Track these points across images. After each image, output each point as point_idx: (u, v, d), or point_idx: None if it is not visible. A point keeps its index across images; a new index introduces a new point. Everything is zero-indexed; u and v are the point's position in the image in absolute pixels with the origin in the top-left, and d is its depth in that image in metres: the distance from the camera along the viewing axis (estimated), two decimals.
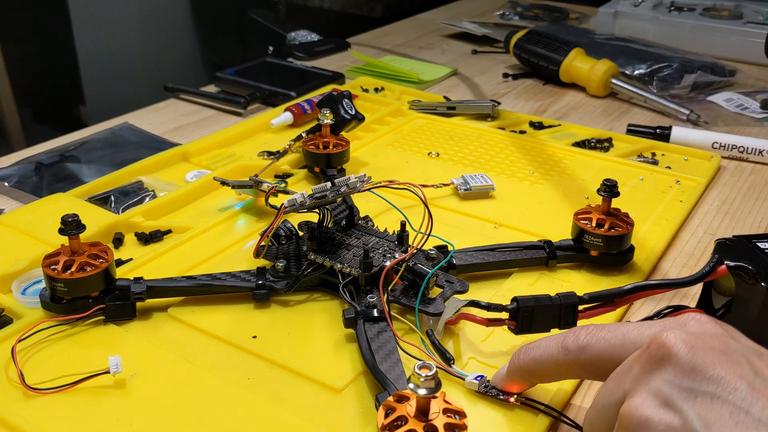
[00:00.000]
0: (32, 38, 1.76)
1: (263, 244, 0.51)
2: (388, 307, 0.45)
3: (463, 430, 0.34)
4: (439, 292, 0.47)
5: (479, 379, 0.41)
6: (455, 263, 0.51)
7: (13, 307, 0.48)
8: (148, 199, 0.63)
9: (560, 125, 0.81)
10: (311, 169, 0.68)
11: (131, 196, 0.63)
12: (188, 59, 1.97)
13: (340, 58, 1.08)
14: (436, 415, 0.34)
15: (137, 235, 0.57)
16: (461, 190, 0.64)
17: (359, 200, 0.59)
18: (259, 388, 0.42)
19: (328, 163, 0.65)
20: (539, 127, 0.81)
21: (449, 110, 0.83)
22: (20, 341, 0.44)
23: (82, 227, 0.46)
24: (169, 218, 0.61)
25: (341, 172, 0.67)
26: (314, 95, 0.84)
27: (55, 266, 0.45)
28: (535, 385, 0.40)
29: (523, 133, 0.79)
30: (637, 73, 0.95)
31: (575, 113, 0.88)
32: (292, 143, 0.71)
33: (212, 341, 0.46)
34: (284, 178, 0.67)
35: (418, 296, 0.46)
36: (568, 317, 0.44)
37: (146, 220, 0.59)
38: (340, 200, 0.55)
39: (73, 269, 0.45)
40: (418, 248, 0.48)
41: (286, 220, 0.54)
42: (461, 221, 0.61)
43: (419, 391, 0.33)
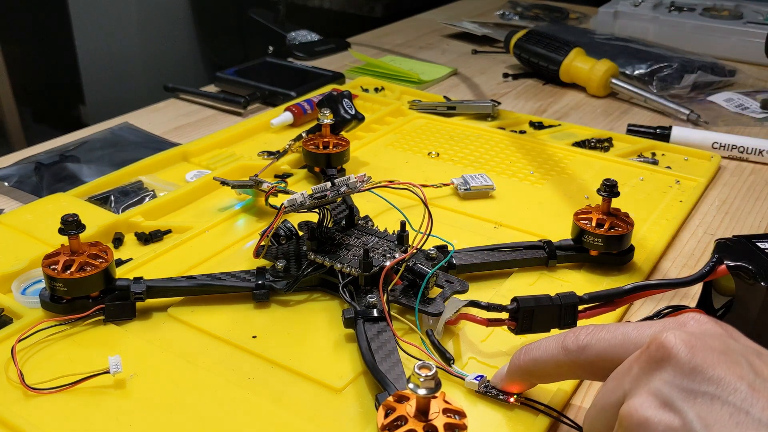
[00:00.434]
0: (32, 38, 1.76)
1: (263, 244, 0.51)
2: (387, 307, 0.45)
3: (463, 430, 0.34)
4: (439, 292, 0.47)
5: (479, 379, 0.41)
6: (455, 263, 0.51)
7: (13, 307, 0.48)
8: (148, 199, 0.63)
9: (560, 125, 0.81)
10: (311, 169, 0.68)
11: (131, 196, 0.63)
12: (188, 59, 1.97)
13: (340, 58, 1.08)
14: (436, 415, 0.34)
15: (137, 235, 0.57)
16: (461, 190, 0.64)
17: (359, 200, 0.59)
18: (259, 388, 0.42)
19: (328, 163, 0.65)
20: (539, 127, 0.81)
21: (449, 110, 0.83)
22: (20, 341, 0.44)
23: (82, 227, 0.46)
24: (169, 218, 0.61)
25: (341, 172, 0.67)
26: (314, 95, 0.84)
27: (54, 266, 0.45)
28: (535, 385, 0.40)
29: (523, 133, 0.79)
30: (637, 73, 0.95)
31: (575, 113, 0.88)
32: (292, 143, 0.71)
33: (212, 341, 0.46)
34: (284, 178, 0.67)
35: (418, 296, 0.46)
36: (568, 317, 0.44)
37: (146, 220, 0.59)
38: (340, 200, 0.55)
39: (72, 269, 0.45)
40: (418, 248, 0.48)
41: (286, 220, 0.54)
42: (461, 221, 0.61)
43: (419, 391, 0.33)
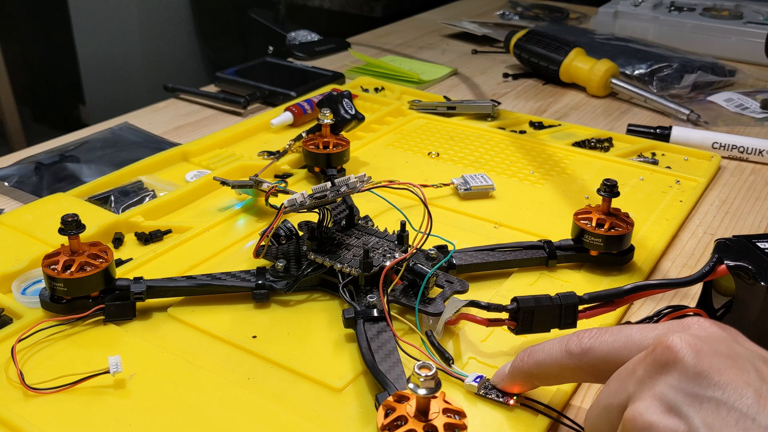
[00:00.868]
0: (32, 38, 1.76)
1: (263, 244, 0.51)
2: (387, 307, 0.45)
3: (462, 430, 0.34)
4: (439, 292, 0.47)
5: (479, 380, 0.41)
6: (455, 263, 0.51)
7: (13, 307, 0.48)
8: (148, 199, 0.63)
9: (560, 125, 0.81)
10: (311, 169, 0.68)
11: (131, 196, 0.63)
12: (188, 59, 1.97)
13: (340, 58, 1.08)
14: (435, 415, 0.34)
15: (137, 235, 0.57)
16: (461, 190, 0.64)
17: (359, 200, 0.59)
18: (259, 388, 0.42)
19: (328, 163, 0.65)
20: (539, 127, 0.81)
21: (449, 110, 0.83)
22: (20, 341, 0.44)
23: (82, 227, 0.46)
24: (169, 218, 0.61)
25: (341, 172, 0.67)
26: (314, 95, 0.84)
27: (54, 266, 0.45)
28: (537, 387, 0.40)
29: (523, 133, 0.79)
30: (637, 73, 0.95)
31: (575, 113, 0.88)
32: (292, 143, 0.71)
33: (212, 341, 0.46)
34: (284, 178, 0.67)
35: (418, 296, 0.46)
36: (568, 317, 0.44)
37: (146, 220, 0.59)
38: (340, 200, 0.55)
39: (72, 269, 0.45)
40: (417, 248, 0.48)
41: (286, 220, 0.54)
42: (461, 221, 0.61)
43: (419, 391, 0.33)
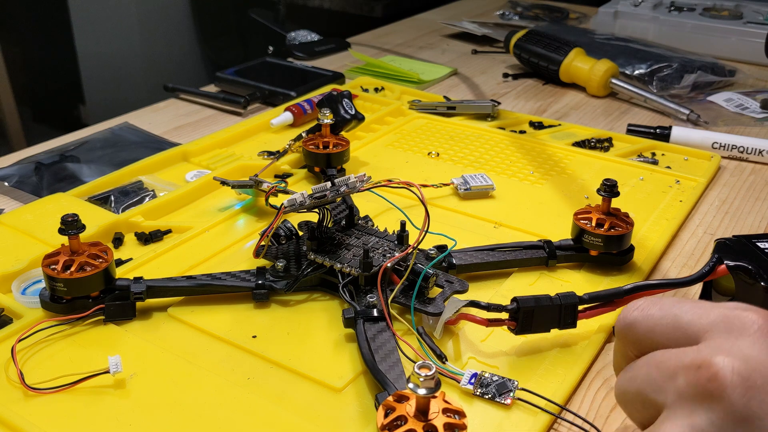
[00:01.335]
0: (32, 38, 1.76)
1: (263, 244, 0.51)
2: (387, 306, 0.45)
3: (462, 430, 0.34)
4: (439, 292, 0.47)
5: (474, 378, 0.41)
6: (455, 263, 0.51)
7: (13, 306, 0.48)
8: (148, 199, 0.63)
9: (560, 125, 0.81)
10: (311, 169, 0.68)
11: (131, 196, 0.63)
12: (188, 59, 1.97)
13: (340, 58, 1.08)
14: (435, 414, 0.34)
15: (137, 235, 0.57)
16: (461, 190, 0.64)
17: (359, 200, 0.59)
18: (259, 388, 0.42)
19: (328, 163, 0.65)
20: (539, 127, 0.81)
21: (449, 110, 0.83)
22: (20, 341, 0.44)
23: (82, 227, 0.46)
24: (169, 218, 0.61)
25: (341, 172, 0.67)
26: (314, 95, 0.84)
27: (54, 266, 0.45)
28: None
29: (523, 133, 0.79)
30: (637, 73, 0.95)
31: (575, 113, 0.88)
32: (292, 143, 0.71)
33: (212, 341, 0.46)
34: (284, 178, 0.67)
35: (413, 294, 0.45)
36: (568, 317, 0.44)
37: (146, 220, 0.59)
38: (339, 200, 0.55)
39: (72, 269, 0.45)
40: (414, 246, 0.48)
41: (286, 220, 0.54)
42: (461, 221, 0.61)
43: (419, 390, 0.33)
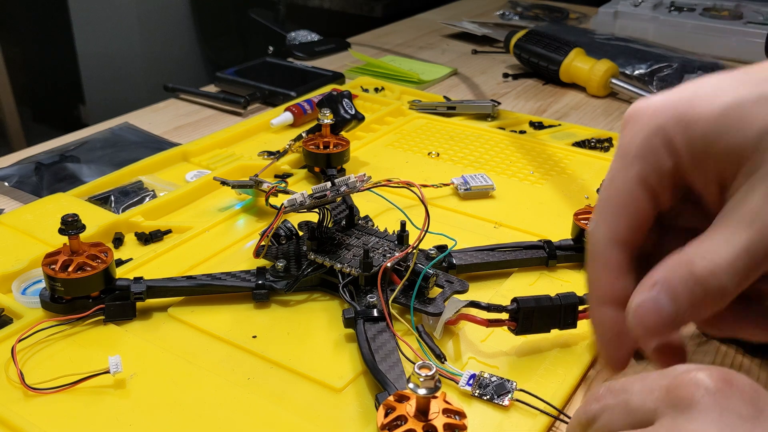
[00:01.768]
0: (32, 38, 1.76)
1: (263, 244, 0.51)
2: (387, 307, 0.45)
3: (462, 430, 0.34)
4: (439, 292, 0.47)
5: (472, 379, 0.41)
6: (455, 263, 0.51)
7: (13, 307, 0.48)
8: (148, 199, 0.63)
9: (560, 125, 0.81)
10: (311, 169, 0.68)
11: (131, 196, 0.63)
12: (188, 59, 1.97)
13: (340, 58, 1.08)
14: (435, 415, 0.34)
15: (137, 235, 0.57)
16: (461, 190, 0.64)
17: (359, 200, 0.59)
18: (259, 388, 0.42)
19: (328, 163, 0.65)
20: (539, 127, 0.81)
21: (449, 110, 0.83)
22: (20, 341, 0.44)
23: (82, 227, 0.46)
24: (169, 218, 0.61)
25: (341, 172, 0.67)
26: (314, 95, 0.84)
27: (54, 266, 0.45)
28: None
29: (523, 133, 0.79)
30: (637, 73, 0.95)
31: (575, 113, 0.88)
32: (292, 143, 0.71)
33: (212, 341, 0.46)
34: (284, 178, 0.67)
35: (413, 294, 0.45)
36: (568, 318, 0.44)
37: (146, 220, 0.59)
38: (340, 200, 0.55)
39: (72, 269, 0.45)
40: (414, 246, 0.48)
41: (286, 220, 0.54)
42: (461, 221, 0.61)
43: (419, 390, 0.33)
